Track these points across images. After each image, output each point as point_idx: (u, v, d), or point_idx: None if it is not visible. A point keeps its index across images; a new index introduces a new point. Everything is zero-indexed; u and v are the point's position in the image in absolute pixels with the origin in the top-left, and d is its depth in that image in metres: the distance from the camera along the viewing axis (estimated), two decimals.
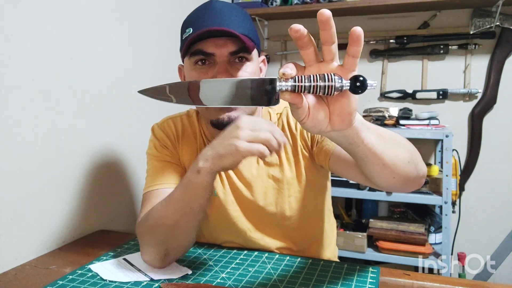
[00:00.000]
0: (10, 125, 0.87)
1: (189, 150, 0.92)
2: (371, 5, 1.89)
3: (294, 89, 0.50)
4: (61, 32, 1.00)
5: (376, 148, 0.61)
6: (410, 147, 0.71)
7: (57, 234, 0.99)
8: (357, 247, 1.84)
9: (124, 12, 1.24)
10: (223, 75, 0.78)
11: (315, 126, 0.53)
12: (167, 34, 1.48)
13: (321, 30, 0.49)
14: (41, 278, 0.78)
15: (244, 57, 0.80)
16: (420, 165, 0.72)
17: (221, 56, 0.78)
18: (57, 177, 0.99)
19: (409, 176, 0.69)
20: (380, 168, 0.64)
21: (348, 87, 0.50)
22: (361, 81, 0.49)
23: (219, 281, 0.74)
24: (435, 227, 1.89)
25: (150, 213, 0.79)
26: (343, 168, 0.81)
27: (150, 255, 0.78)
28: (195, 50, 0.79)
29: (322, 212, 0.98)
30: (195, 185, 0.70)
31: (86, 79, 1.08)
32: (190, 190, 0.72)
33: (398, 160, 0.65)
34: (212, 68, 0.80)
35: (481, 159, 2.00)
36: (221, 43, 0.78)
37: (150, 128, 0.96)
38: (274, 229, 0.92)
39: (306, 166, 0.90)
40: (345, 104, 0.52)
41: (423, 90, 2.03)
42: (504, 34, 1.90)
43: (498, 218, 1.98)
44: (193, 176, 0.70)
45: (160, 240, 0.77)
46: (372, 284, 0.73)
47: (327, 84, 0.50)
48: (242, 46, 0.78)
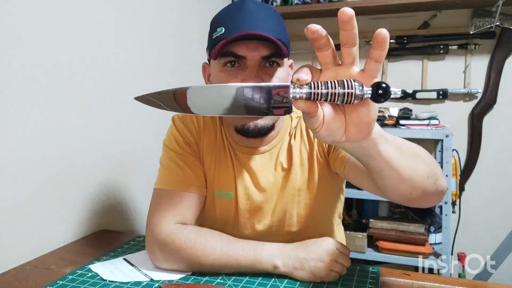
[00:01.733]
0: (10, 125, 0.87)
1: (209, 147, 0.90)
2: (371, 5, 1.89)
3: (310, 96, 0.45)
4: (61, 32, 1.00)
5: (393, 162, 0.57)
6: (430, 161, 0.67)
7: (57, 234, 0.99)
8: (357, 247, 1.84)
9: (124, 12, 1.24)
10: (253, 79, 0.75)
11: (329, 136, 0.49)
12: (167, 34, 1.48)
13: (341, 30, 0.45)
14: (41, 278, 0.78)
15: (275, 62, 0.78)
16: (440, 180, 0.68)
17: (252, 60, 0.76)
18: (57, 177, 0.99)
19: (427, 192, 0.65)
20: (396, 182, 0.61)
21: (370, 95, 0.45)
22: (384, 89, 0.44)
23: (219, 281, 0.74)
24: (435, 227, 1.88)
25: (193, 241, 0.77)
26: (357, 177, 0.79)
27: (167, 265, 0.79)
28: (225, 51, 0.76)
29: (331, 220, 0.96)
30: (266, 271, 0.75)
31: (86, 79, 1.08)
32: (257, 269, 0.75)
33: (416, 175, 0.62)
34: (241, 71, 0.77)
35: (481, 159, 2.00)
36: (253, 47, 0.75)
37: (171, 118, 0.93)
38: (280, 235, 0.90)
39: (320, 173, 0.88)
40: (364, 114, 0.48)
41: (423, 90, 2.03)
42: (504, 34, 1.90)
43: (498, 218, 1.98)
44: (267, 267, 0.75)
45: (190, 266, 0.78)
46: (372, 284, 0.73)
47: (346, 91, 0.44)
48: (275, 50, 0.76)
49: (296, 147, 0.89)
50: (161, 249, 0.78)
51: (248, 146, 0.89)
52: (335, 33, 0.46)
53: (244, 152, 0.89)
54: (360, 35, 1.72)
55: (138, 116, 1.30)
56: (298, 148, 0.89)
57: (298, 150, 0.89)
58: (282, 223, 0.89)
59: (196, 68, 1.68)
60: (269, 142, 0.89)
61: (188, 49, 1.63)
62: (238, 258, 0.75)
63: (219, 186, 0.90)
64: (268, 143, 0.89)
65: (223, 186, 0.90)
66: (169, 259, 0.78)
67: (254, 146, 0.88)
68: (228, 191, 0.89)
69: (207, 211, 0.92)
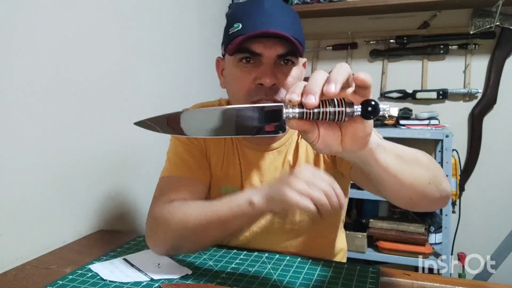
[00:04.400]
0: (10, 125, 0.87)
1: (217, 143, 0.91)
2: (371, 5, 1.89)
3: (302, 115, 0.47)
4: (61, 32, 1.00)
5: (391, 169, 0.58)
6: (432, 167, 0.68)
7: (57, 234, 0.99)
8: (357, 247, 1.84)
9: (124, 12, 1.24)
10: (267, 77, 0.76)
11: (325, 148, 0.51)
12: (167, 34, 1.48)
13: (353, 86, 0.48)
14: (41, 278, 0.78)
15: (290, 60, 0.79)
16: (444, 185, 0.69)
17: (268, 57, 0.77)
18: (57, 177, 0.99)
19: (429, 197, 0.66)
20: (396, 188, 0.62)
21: (360, 113, 0.47)
22: (373, 106, 0.47)
23: (219, 281, 0.74)
24: (435, 227, 1.89)
25: (177, 209, 0.78)
26: (362, 180, 0.79)
27: (158, 244, 0.80)
28: (241, 47, 0.77)
29: (334, 222, 0.96)
30: (245, 212, 0.70)
31: (86, 79, 1.08)
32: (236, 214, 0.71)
33: (416, 181, 0.63)
34: (256, 68, 0.78)
35: (481, 159, 2.00)
36: (270, 45, 0.76)
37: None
38: (281, 232, 0.90)
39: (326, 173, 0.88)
40: (359, 128, 0.50)
41: (423, 90, 2.03)
42: (504, 34, 1.90)
43: (498, 218, 1.98)
44: (244, 205, 0.70)
45: (177, 238, 0.77)
46: (372, 284, 0.73)
47: (337, 109, 0.47)
48: (291, 49, 0.76)
49: (303, 146, 0.90)
50: (152, 227, 0.80)
51: (258, 144, 0.90)
52: (335, 32, 0.47)
53: (252, 149, 0.90)
54: (360, 35, 1.74)
55: (138, 116, 1.29)
56: (304, 147, 0.90)
57: (305, 149, 0.90)
58: (284, 220, 0.90)
59: (196, 67, 1.68)
60: (279, 140, 0.90)
61: (187, 49, 1.63)
62: (217, 211, 0.73)
63: (225, 182, 0.91)
64: (278, 141, 0.90)
65: (229, 182, 0.90)
66: (158, 233, 0.79)
67: (264, 144, 0.89)
68: (234, 187, 0.90)
69: None
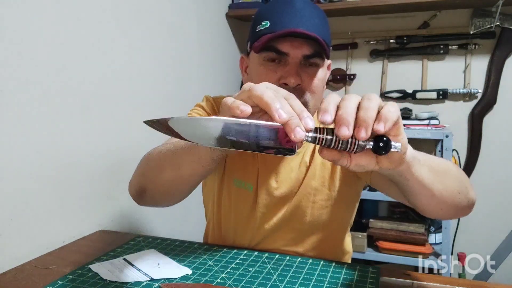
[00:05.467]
0: (10, 125, 0.87)
1: None
2: (371, 5, 1.89)
3: (314, 140, 0.48)
4: (62, 32, 1.00)
5: (425, 182, 0.58)
6: (460, 176, 0.68)
7: (57, 234, 0.99)
8: (357, 247, 1.84)
9: (124, 12, 1.24)
10: (292, 76, 0.75)
11: (360, 169, 0.50)
12: (167, 35, 1.48)
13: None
14: (41, 278, 0.78)
15: (315, 62, 0.78)
16: (470, 193, 0.69)
17: (294, 57, 0.76)
18: (57, 177, 0.99)
19: (458, 207, 0.67)
20: (427, 199, 0.62)
21: (371, 147, 0.47)
22: (384, 142, 0.46)
23: (219, 281, 0.74)
24: (435, 227, 1.89)
25: (153, 149, 0.78)
26: (384, 185, 0.79)
27: (130, 183, 0.80)
28: (268, 46, 0.76)
29: (342, 227, 0.95)
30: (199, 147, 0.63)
31: (86, 79, 1.08)
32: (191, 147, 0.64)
33: (447, 192, 0.63)
34: (281, 67, 0.77)
35: (481, 159, 2.00)
36: (297, 44, 0.75)
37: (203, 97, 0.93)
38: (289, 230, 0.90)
39: (342, 175, 0.87)
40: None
41: (423, 90, 2.03)
42: (504, 34, 1.90)
43: (498, 218, 1.98)
44: None
45: (140, 175, 0.77)
46: (372, 284, 0.73)
47: (349, 140, 0.46)
48: (318, 50, 0.76)
49: None
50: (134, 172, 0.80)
51: None
52: (335, 32, 0.46)
53: None
54: (360, 34, 1.74)
55: (138, 116, 1.30)
56: None
57: None
58: (293, 218, 0.89)
59: (196, 68, 1.68)
60: None
61: (187, 49, 1.63)
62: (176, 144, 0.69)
63: (239, 175, 0.89)
64: None
65: (243, 176, 0.89)
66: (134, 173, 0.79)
67: None
68: (248, 182, 0.89)
69: (223, 197, 0.92)
